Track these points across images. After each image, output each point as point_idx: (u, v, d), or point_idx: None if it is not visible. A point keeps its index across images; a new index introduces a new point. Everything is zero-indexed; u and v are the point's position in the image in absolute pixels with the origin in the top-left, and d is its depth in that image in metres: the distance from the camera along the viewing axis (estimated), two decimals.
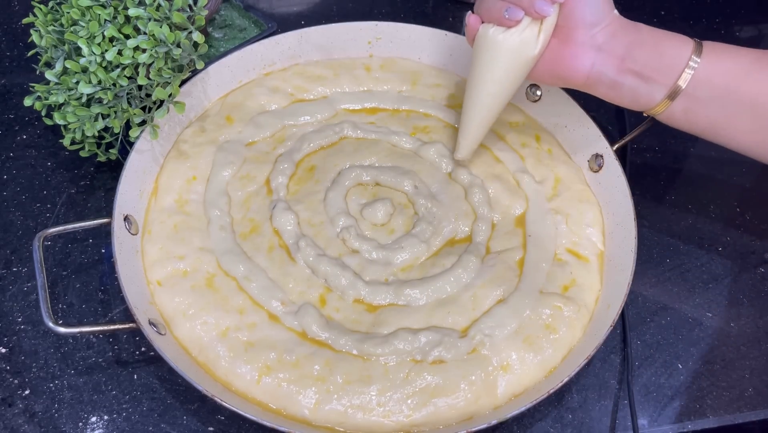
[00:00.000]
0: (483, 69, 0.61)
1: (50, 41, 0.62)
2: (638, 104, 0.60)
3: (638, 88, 0.59)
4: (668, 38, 0.58)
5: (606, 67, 0.58)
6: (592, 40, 0.58)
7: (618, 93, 0.60)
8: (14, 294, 0.64)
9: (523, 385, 0.57)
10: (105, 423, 0.57)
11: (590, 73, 0.59)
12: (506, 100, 0.63)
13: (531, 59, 0.60)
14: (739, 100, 0.56)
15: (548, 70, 0.61)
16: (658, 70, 0.57)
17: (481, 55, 0.61)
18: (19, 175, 0.72)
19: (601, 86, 0.60)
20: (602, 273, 0.64)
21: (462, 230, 0.66)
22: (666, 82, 0.58)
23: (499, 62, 0.60)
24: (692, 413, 0.59)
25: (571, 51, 0.59)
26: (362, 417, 0.55)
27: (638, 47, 0.58)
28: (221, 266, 0.62)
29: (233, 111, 0.73)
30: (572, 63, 0.59)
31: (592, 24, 0.58)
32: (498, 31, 0.60)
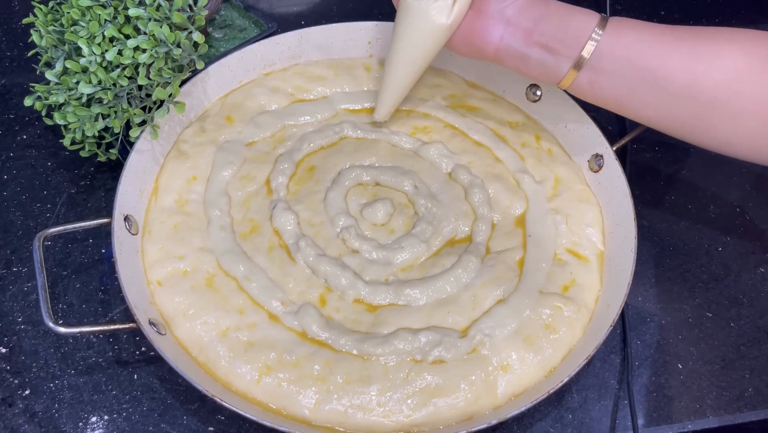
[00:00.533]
0: (402, 35, 0.65)
1: (50, 41, 0.62)
2: (547, 76, 0.62)
3: (545, 60, 0.60)
4: (575, 12, 0.60)
5: (514, 39, 0.61)
6: (501, 13, 0.61)
7: (526, 65, 0.62)
8: (14, 294, 0.64)
9: (523, 385, 0.57)
10: (105, 423, 0.57)
11: (499, 45, 0.62)
12: (421, 66, 0.66)
13: (445, 28, 0.63)
14: (641, 73, 0.57)
15: (463, 41, 0.64)
16: (563, 42, 0.59)
17: (400, 22, 0.65)
18: (19, 175, 0.72)
19: (510, 59, 0.62)
20: (602, 273, 0.64)
21: (462, 230, 0.66)
22: (570, 54, 0.59)
23: (413, 29, 0.64)
24: (692, 413, 0.59)
25: (482, 23, 0.62)
26: (362, 417, 0.55)
27: (545, 20, 0.60)
28: (221, 266, 0.62)
29: (233, 111, 0.73)
30: (483, 34, 0.62)
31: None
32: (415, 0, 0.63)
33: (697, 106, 0.57)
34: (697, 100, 0.57)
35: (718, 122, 0.57)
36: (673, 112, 0.58)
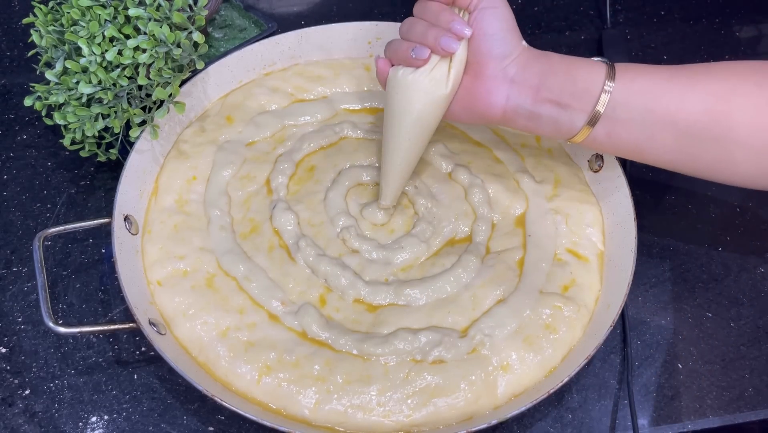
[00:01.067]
0: (396, 112, 0.60)
1: (50, 41, 0.62)
2: (560, 133, 0.58)
3: (558, 117, 0.57)
4: (580, 64, 0.57)
5: (521, 98, 0.57)
6: (503, 72, 0.57)
7: (537, 124, 0.58)
8: (14, 294, 0.64)
9: (523, 385, 0.57)
10: (105, 423, 0.57)
11: (506, 106, 0.58)
12: (424, 142, 0.62)
13: (444, 98, 0.59)
14: (659, 118, 0.55)
15: (464, 108, 0.60)
16: (573, 96, 0.56)
17: (393, 99, 0.60)
18: (19, 175, 0.73)
19: (520, 119, 0.58)
20: (602, 273, 0.64)
21: (462, 230, 0.66)
22: (584, 108, 0.56)
23: (411, 104, 0.59)
24: (692, 413, 0.59)
25: (484, 86, 0.58)
26: (362, 417, 0.55)
27: (551, 75, 0.57)
28: (221, 266, 0.62)
29: (233, 111, 0.73)
30: (487, 98, 0.58)
31: (501, 56, 0.57)
32: (407, 72, 0.58)
33: (719, 146, 0.55)
34: (718, 141, 0.55)
35: (742, 160, 0.56)
36: (694, 154, 0.56)
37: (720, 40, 0.91)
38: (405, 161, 0.62)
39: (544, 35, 0.89)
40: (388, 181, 0.64)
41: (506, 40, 0.57)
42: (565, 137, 0.59)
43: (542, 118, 0.58)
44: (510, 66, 0.57)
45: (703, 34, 0.91)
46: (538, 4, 0.93)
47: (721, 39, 0.91)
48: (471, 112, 0.60)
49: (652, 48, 0.88)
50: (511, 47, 0.57)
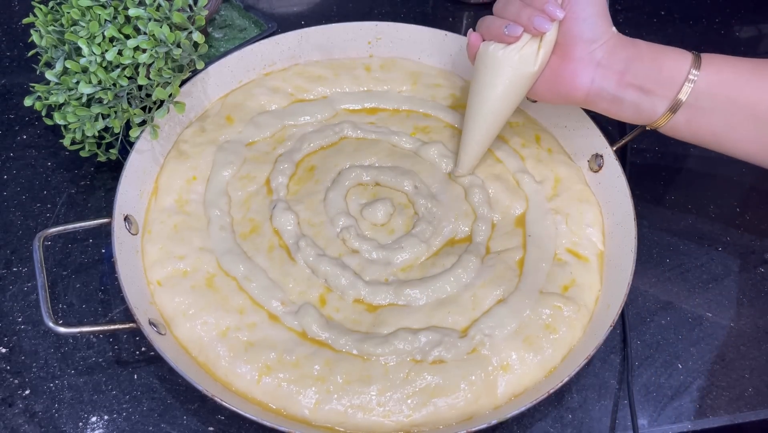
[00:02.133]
0: (483, 86, 0.62)
1: (50, 41, 0.62)
2: (640, 118, 0.60)
3: (640, 102, 0.59)
4: (667, 52, 0.59)
5: (606, 82, 0.59)
6: (591, 56, 0.59)
7: (619, 108, 0.60)
8: (14, 294, 0.64)
9: (523, 385, 0.57)
10: (105, 423, 0.57)
11: (590, 88, 0.60)
12: (506, 116, 0.64)
13: (531, 76, 0.61)
14: (740, 109, 0.57)
15: (549, 88, 0.62)
16: (658, 83, 0.58)
17: (481, 72, 0.62)
18: (19, 175, 0.72)
19: (602, 101, 0.60)
20: (602, 273, 0.64)
21: (462, 230, 0.66)
22: (667, 94, 0.58)
23: (499, 79, 0.61)
24: (692, 413, 0.59)
25: (570, 67, 0.60)
26: (362, 417, 0.55)
27: (637, 61, 0.58)
28: (221, 266, 0.62)
29: (233, 111, 0.73)
30: (572, 79, 0.60)
31: (590, 40, 0.58)
32: (498, 47, 0.61)
33: None
34: None
35: None
36: None
37: (720, 40, 0.91)
38: (486, 133, 0.65)
39: None
40: (467, 150, 0.66)
41: (597, 25, 0.58)
42: (644, 122, 0.60)
43: (624, 103, 0.59)
44: (598, 50, 0.59)
45: (703, 34, 0.91)
46: None
47: (721, 39, 0.91)
48: (554, 92, 0.61)
49: None
50: (601, 32, 0.58)
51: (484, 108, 0.63)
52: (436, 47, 0.77)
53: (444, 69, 0.78)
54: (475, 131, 0.65)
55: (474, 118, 0.64)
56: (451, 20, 0.91)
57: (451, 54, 0.77)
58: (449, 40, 0.77)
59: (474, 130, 0.65)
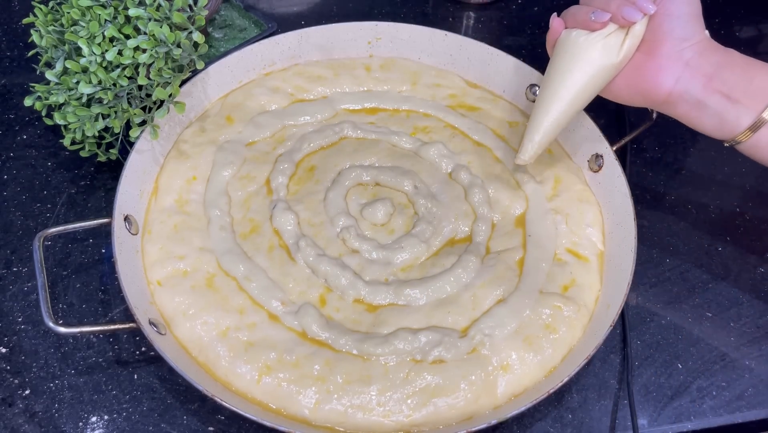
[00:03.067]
0: (562, 72, 0.60)
1: (50, 41, 0.62)
2: (722, 130, 0.57)
3: (724, 112, 0.56)
4: (760, 65, 0.56)
5: (692, 83, 0.56)
6: (679, 54, 0.56)
7: (701, 114, 0.57)
8: (14, 294, 0.64)
9: (523, 385, 0.57)
10: (105, 423, 0.57)
11: (674, 89, 0.57)
12: (581, 106, 0.62)
13: (612, 67, 0.58)
14: None
15: (629, 83, 0.59)
16: (747, 94, 0.55)
17: (561, 58, 0.60)
18: (19, 175, 0.72)
19: (684, 105, 0.57)
20: (602, 273, 0.64)
21: (462, 230, 0.66)
22: (755, 107, 0.55)
23: (579, 65, 0.59)
24: (692, 413, 0.59)
25: (655, 63, 0.57)
26: (362, 417, 0.55)
27: (728, 68, 0.56)
28: (221, 265, 0.62)
29: (233, 111, 0.73)
30: (656, 76, 0.57)
31: (681, 38, 0.56)
32: (581, 33, 0.59)
33: None
34: None
35: None
36: None
37: (720, 40, 0.90)
38: (556, 122, 0.61)
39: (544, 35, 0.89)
40: (534, 137, 0.63)
41: (690, 24, 0.56)
42: (725, 135, 0.57)
43: (708, 110, 0.56)
44: (687, 49, 0.56)
45: None
46: (538, 4, 0.93)
47: (721, 39, 0.90)
48: (634, 89, 0.59)
49: None
50: (693, 32, 0.57)
51: (559, 94, 0.60)
52: (436, 47, 0.77)
53: (444, 69, 0.78)
54: (545, 118, 0.61)
55: (545, 105, 0.61)
56: (451, 20, 0.91)
57: (451, 54, 0.77)
58: (449, 40, 0.77)
59: (544, 117, 0.61)
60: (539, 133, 0.62)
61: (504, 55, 0.75)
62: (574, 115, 0.62)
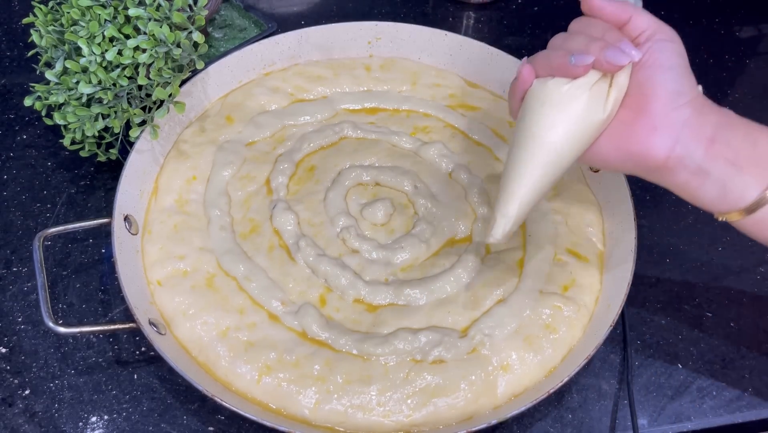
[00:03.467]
0: (538, 127, 0.50)
1: (50, 41, 0.62)
2: (724, 201, 0.49)
3: (728, 180, 0.48)
4: (762, 128, 0.49)
5: (692, 147, 0.47)
6: (676, 112, 0.48)
7: (701, 183, 0.48)
8: (14, 294, 0.64)
9: (523, 385, 0.57)
10: (105, 423, 0.57)
11: (672, 153, 0.48)
12: (563, 170, 0.51)
13: (598, 124, 0.49)
14: None
15: (617, 146, 0.50)
16: (751, 160, 0.47)
17: (536, 112, 0.50)
18: (19, 175, 0.72)
19: (683, 172, 0.48)
20: (602, 273, 0.63)
21: (462, 230, 0.66)
22: (763, 176, 0.47)
23: (561, 117, 0.49)
24: (692, 413, 0.59)
25: (648, 122, 0.48)
26: (362, 417, 0.55)
27: (729, 129, 0.48)
28: (221, 265, 0.62)
29: (233, 111, 0.73)
30: (649, 138, 0.48)
31: (676, 93, 0.48)
32: (560, 82, 0.49)
33: None
34: None
35: None
36: None
37: (720, 40, 0.91)
38: (534, 190, 0.50)
39: (544, 35, 0.89)
40: (507, 210, 0.51)
41: (684, 77, 0.48)
42: (726, 207, 0.49)
43: (710, 177, 0.48)
44: (684, 106, 0.48)
45: (703, 34, 0.91)
46: (538, 4, 0.93)
47: (721, 39, 0.91)
48: (625, 151, 0.49)
49: None
50: (688, 86, 0.48)
51: (536, 157, 0.50)
52: (436, 47, 0.77)
53: (444, 69, 0.78)
54: (520, 186, 0.50)
55: (519, 170, 0.50)
56: (451, 20, 0.91)
57: (451, 54, 0.77)
58: (449, 39, 0.77)
59: (519, 184, 0.50)
60: (514, 204, 0.51)
61: (504, 55, 0.75)
62: (555, 182, 0.51)
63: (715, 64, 0.88)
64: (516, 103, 0.53)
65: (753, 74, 0.87)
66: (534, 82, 0.51)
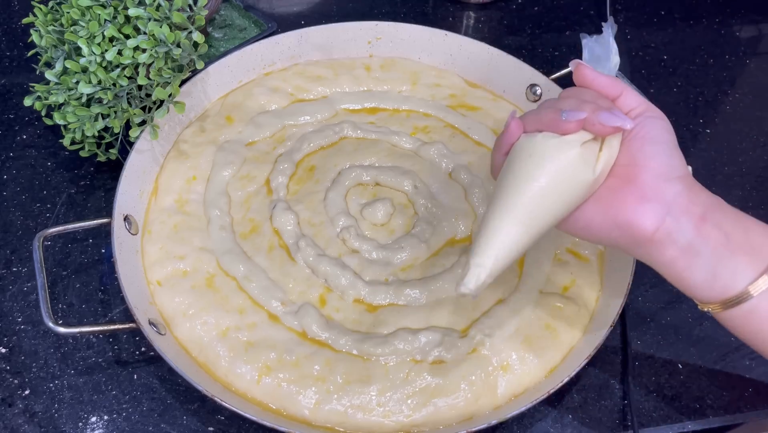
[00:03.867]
0: (520, 181, 0.47)
1: (50, 41, 0.62)
2: (712, 286, 0.46)
3: (718, 262, 0.45)
4: (752, 219, 0.47)
5: (683, 222, 0.45)
6: (667, 185, 0.46)
7: (691, 263, 0.46)
8: (14, 294, 0.64)
9: (523, 385, 0.57)
10: (105, 423, 0.57)
11: (661, 226, 0.46)
12: (546, 226, 0.48)
13: (585, 185, 0.47)
14: None
15: (604, 212, 0.47)
16: (743, 247, 0.45)
17: (520, 163, 0.48)
18: (19, 175, 0.72)
19: (672, 248, 0.46)
20: (602, 273, 0.63)
21: (462, 230, 0.66)
22: (754, 264, 0.45)
23: (546, 172, 0.47)
24: (692, 413, 0.59)
25: (638, 191, 0.46)
26: (362, 417, 0.55)
27: (719, 211, 0.46)
28: (221, 266, 0.62)
29: (233, 111, 0.73)
30: (638, 207, 0.46)
31: (667, 165, 0.47)
32: (549, 136, 0.48)
33: None
34: None
35: None
36: None
37: (720, 40, 0.91)
38: (509, 245, 0.47)
39: (544, 35, 0.89)
40: (482, 261, 0.47)
41: (674, 152, 0.48)
42: (714, 294, 0.46)
43: (700, 257, 0.46)
44: (675, 181, 0.46)
45: (703, 34, 0.91)
46: (538, 4, 0.93)
47: (721, 39, 0.91)
48: (611, 219, 0.47)
49: (652, 48, 0.88)
50: (679, 161, 0.47)
51: (518, 206, 0.47)
52: (436, 47, 0.77)
53: (444, 69, 0.78)
54: (496, 238, 0.47)
55: (497, 221, 0.47)
56: (451, 20, 0.91)
57: (451, 54, 0.77)
58: (449, 40, 0.77)
59: (495, 235, 0.47)
60: (489, 256, 0.47)
61: (504, 55, 0.75)
62: (534, 241, 0.48)
63: (715, 64, 0.88)
64: (500, 158, 0.51)
65: (753, 74, 0.87)
66: (522, 136, 0.50)
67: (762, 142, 0.79)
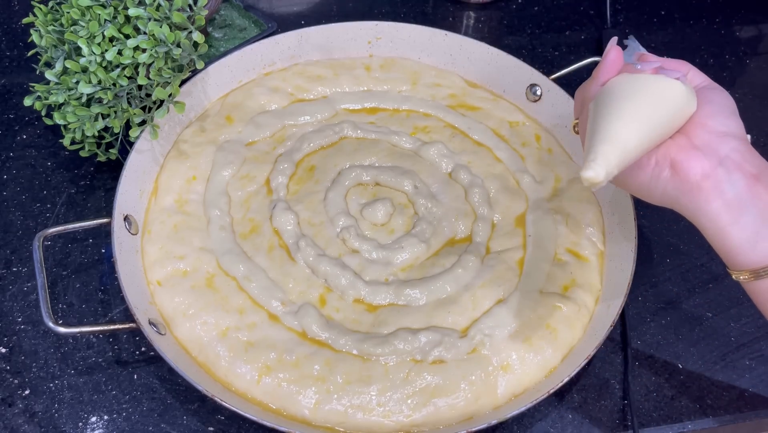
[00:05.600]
0: (641, 103, 0.47)
1: (50, 41, 0.62)
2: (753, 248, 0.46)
3: (765, 224, 0.45)
4: None
5: (734, 176, 0.46)
6: (723, 139, 0.47)
7: (734, 219, 0.46)
8: (14, 294, 0.64)
9: (523, 385, 0.57)
10: (105, 423, 0.57)
11: (710, 174, 0.46)
12: (651, 147, 0.48)
13: (687, 116, 0.49)
14: None
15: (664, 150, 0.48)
16: None
17: (637, 91, 0.48)
18: (19, 175, 0.72)
19: (718, 200, 0.46)
20: (602, 273, 0.63)
21: (462, 230, 0.66)
22: None
23: (667, 99, 0.47)
24: (692, 413, 0.59)
25: (694, 140, 0.47)
26: (362, 417, 0.55)
27: None
28: (221, 265, 0.62)
29: (233, 111, 0.73)
30: (691, 151, 0.47)
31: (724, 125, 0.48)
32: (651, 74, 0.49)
33: None
34: None
35: None
36: None
37: (720, 40, 0.91)
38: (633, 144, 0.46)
39: (544, 35, 0.89)
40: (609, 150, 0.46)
41: (732, 116, 0.49)
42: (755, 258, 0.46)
43: (747, 215, 0.45)
44: (732, 138, 0.47)
45: (703, 34, 0.91)
46: (538, 4, 0.93)
47: (721, 39, 0.91)
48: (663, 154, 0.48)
49: (652, 48, 0.88)
50: (736, 124, 0.49)
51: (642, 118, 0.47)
52: (436, 47, 0.77)
53: (444, 69, 0.78)
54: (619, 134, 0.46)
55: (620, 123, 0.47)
56: (451, 20, 0.91)
57: (451, 54, 0.77)
58: (449, 40, 0.77)
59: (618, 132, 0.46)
60: (618, 145, 0.46)
61: (504, 55, 0.75)
62: (643, 153, 0.48)
63: (715, 64, 0.88)
64: (595, 88, 0.50)
65: (753, 74, 0.87)
66: (621, 75, 0.49)
67: (762, 143, 0.79)
